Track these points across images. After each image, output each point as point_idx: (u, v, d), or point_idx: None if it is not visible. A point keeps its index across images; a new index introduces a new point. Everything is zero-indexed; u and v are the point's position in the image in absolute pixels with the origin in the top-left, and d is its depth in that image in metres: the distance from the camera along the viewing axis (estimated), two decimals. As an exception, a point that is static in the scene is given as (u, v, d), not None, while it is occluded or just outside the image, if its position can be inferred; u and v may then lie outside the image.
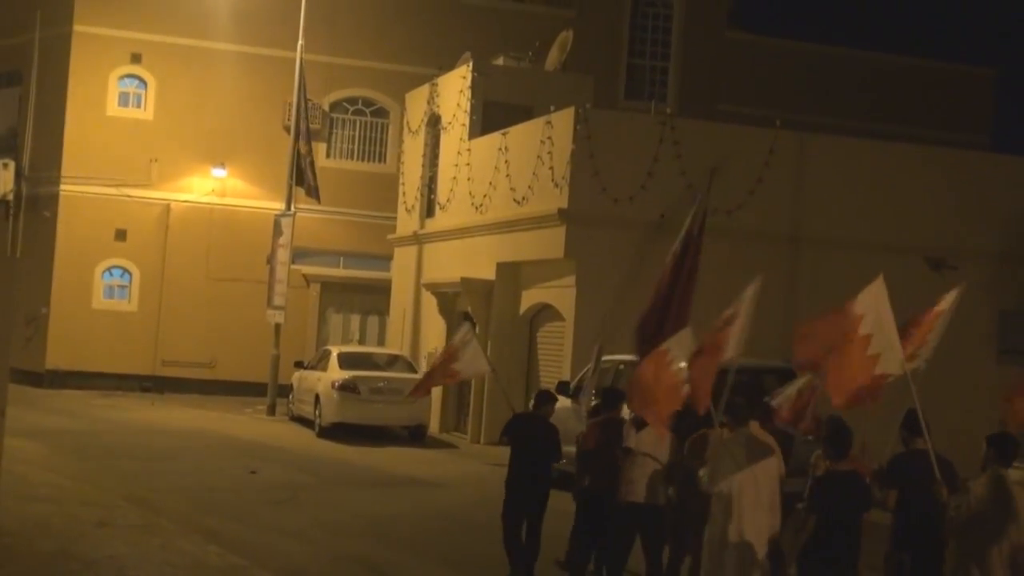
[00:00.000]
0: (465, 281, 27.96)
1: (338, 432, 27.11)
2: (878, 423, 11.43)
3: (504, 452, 14.99)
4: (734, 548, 10.92)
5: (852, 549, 10.43)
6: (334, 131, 37.58)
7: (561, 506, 14.60)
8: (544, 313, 26.22)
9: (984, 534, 10.13)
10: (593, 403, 15.44)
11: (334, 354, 28.77)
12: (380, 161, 37.99)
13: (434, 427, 28.71)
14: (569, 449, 14.62)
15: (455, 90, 30.81)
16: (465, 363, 15.34)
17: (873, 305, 10.60)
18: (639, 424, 13.27)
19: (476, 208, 28.66)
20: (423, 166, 32.85)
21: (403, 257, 34.02)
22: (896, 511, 10.98)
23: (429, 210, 32.44)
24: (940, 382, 13.60)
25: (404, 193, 34.06)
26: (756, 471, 10.96)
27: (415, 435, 27.69)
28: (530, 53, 32.36)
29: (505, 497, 14.17)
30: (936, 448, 10.67)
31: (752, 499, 10.94)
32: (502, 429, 14.91)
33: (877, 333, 10.51)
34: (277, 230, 32.59)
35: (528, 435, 14.21)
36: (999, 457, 10.27)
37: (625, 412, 14.27)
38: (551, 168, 25.06)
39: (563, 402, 17.75)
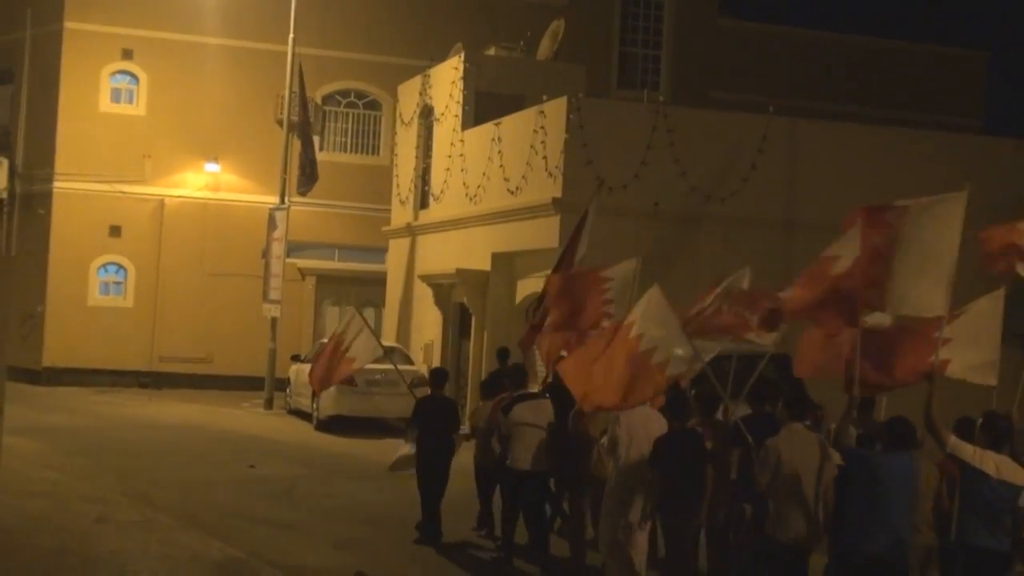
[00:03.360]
0: (460, 272, 27.95)
1: (335, 425, 27.13)
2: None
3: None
4: (628, 500, 12.67)
5: (693, 496, 12.22)
6: (327, 124, 37.55)
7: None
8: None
9: (781, 487, 11.26)
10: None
11: (330, 347, 28.74)
12: (373, 153, 37.98)
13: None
14: None
15: (447, 81, 30.79)
16: (358, 351, 16.76)
17: (648, 315, 12.41)
18: (507, 408, 15.11)
19: (470, 199, 28.65)
20: (416, 158, 32.84)
21: (398, 249, 34.01)
22: (738, 468, 12.48)
23: (423, 202, 32.44)
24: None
25: (398, 185, 34.05)
26: (649, 433, 12.68)
27: (413, 426, 27.65)
28: (522, 43, 32.31)
29: (418, 478, 16.08)
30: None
31: (641, 459, 12.62)
32: (411, 417, 16.35)
33: (660, 343, 12.24)
34: (271, 224, 32.60)
35: (432, 413, 16.02)
36: (791, 416, 11.62)
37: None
38: (544, 158, 25.05)
39: None
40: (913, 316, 11.62)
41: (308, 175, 33.12)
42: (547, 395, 15.93)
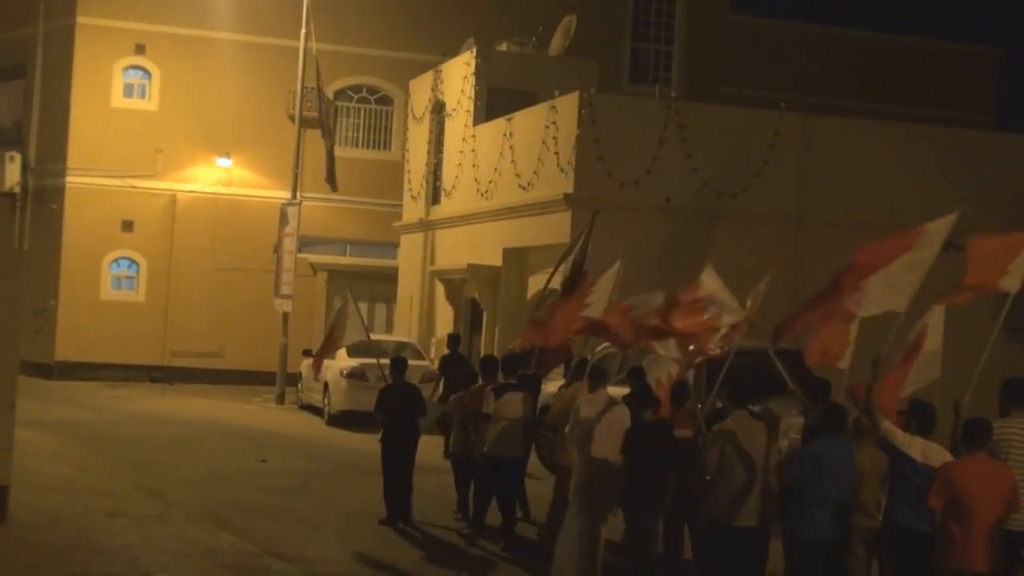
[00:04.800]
0: (472, 267, 27.98)
1: (347, 420, 27.13)
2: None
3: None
4: (594, 482, 13.31)
5: (659, 487, 12.78)
6: (339, 119, 37.56)
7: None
8: (551, 298, 26.19)
9: (727, 471, 11.72)
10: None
11: (342, 342, 28.73)
12: (385, 148, 38.01)
13: (443, 414, 28.72)
14: None
15: (459, 76, 30.80)
16: (347, 329, 18.57)
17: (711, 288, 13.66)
18: (499, 392, 15.80)
19: (482, 194, 28.66)
20: (428, 153, 32.86)
21: (409, 244, 34.03)
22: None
23: (435, 197, 32.46)
24: (948, 361, 13.62)
25: (410, 180, 34.07)
26: (609, 423, 13.44)
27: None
28: (534, 38, 32.32)
29: (381, 452, 16.93)
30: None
31: (605, 443, 13.30)
32: (375, 405, 17.29)
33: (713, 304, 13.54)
34: (283, 219, 32.63)
35: (396, 401, 16.94)
36: (736, 403, 12.02)
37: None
38: (556, 153, 25.05)
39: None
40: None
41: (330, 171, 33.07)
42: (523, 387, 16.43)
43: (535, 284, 26.62)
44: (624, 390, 14.44)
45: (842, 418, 11.50)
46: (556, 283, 18.50)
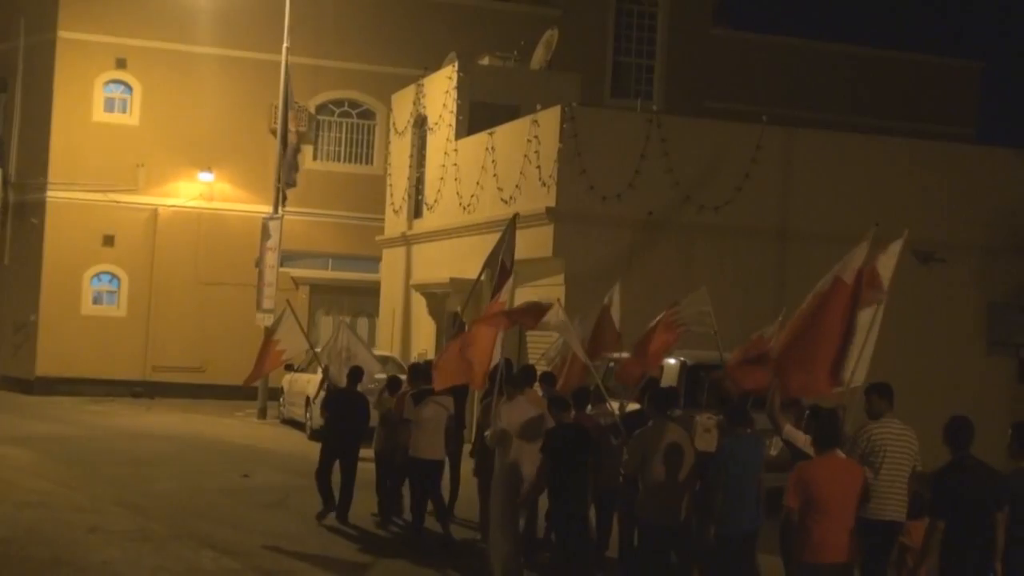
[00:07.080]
0: (454, 281, 27.93)
1: (329, 434, 27.05)
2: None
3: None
4: (511, 479, 13.94)
5: (579, 485, 13.29)
6: (320, 133, 37.56)
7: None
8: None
9: (649, 473, 12.39)
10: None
11: (324, 356, 28.69)
12: (367, 163, 37.99)
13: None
14: None
15: (441, 90, 30.81)
16: (287, 343, 19.41)
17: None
18: (418, 397, 16.50)
19: (464, 208, 28.65)
20: (410, 167, 32.84)
21: (391, 258, 34.01)
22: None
23: (417, 211, 32.44)
24: (929, 373, 13.69)
25: (391, 194, 34.06)
26: (527, 425, 13.98)
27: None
28: (515, 52, 32.36)
29: (320, 451, 17.99)
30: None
31: (525, 445, 13.85)
32: (322, 405, 18.68)
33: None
34: (265, 233, 32.56)
35: (342, 405, 18.10)
36: (656, 411, 12.69)
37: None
38: (538, 167, 25.06)
39: None
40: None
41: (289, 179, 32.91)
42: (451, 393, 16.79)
43: (518, 298, 26.54)
44: None
45: (739, 414, 12.00)
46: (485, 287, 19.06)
